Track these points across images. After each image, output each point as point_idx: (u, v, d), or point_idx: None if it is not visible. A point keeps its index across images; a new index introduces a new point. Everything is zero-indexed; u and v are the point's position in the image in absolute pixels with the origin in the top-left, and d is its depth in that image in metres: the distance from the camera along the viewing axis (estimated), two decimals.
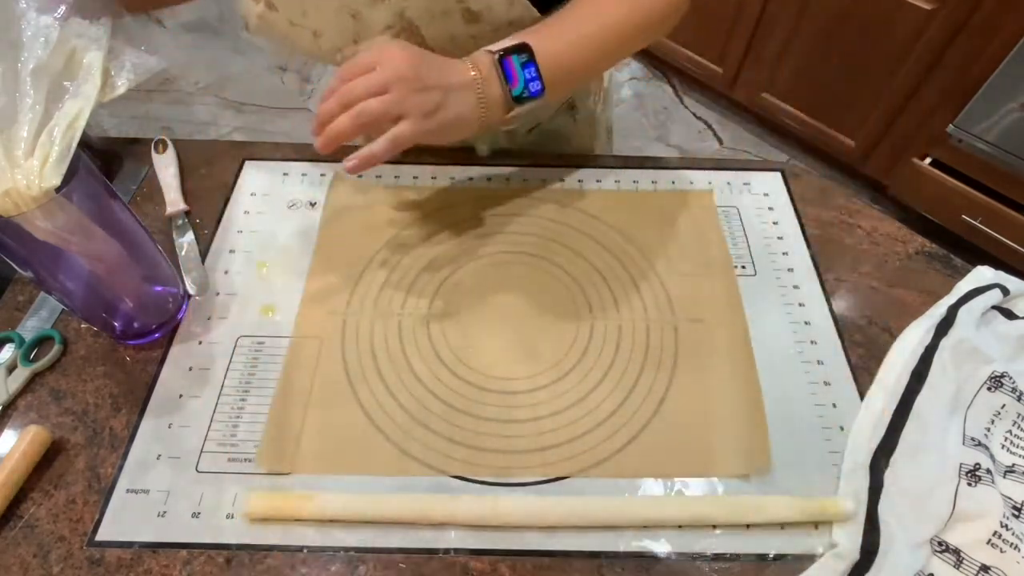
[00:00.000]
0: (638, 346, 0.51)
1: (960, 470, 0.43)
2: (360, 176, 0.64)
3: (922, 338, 0.50)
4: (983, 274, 0.55)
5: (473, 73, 0.47)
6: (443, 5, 0.50)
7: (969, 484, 0.42)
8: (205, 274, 0.55)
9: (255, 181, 0.64)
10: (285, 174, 0.64)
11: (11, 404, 0.48)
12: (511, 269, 0.56)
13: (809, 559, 0.41)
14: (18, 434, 0.44)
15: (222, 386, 0.49)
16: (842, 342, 0.52)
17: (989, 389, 0.47)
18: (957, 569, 0.40)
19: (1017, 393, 0.46)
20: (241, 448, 0.46)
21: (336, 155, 0.66)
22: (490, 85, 0.47)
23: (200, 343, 0.51)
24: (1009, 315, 0.53)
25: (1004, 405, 0.46)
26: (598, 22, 0.51)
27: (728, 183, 0.64)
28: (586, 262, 0.57)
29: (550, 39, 0.49)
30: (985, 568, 0.40)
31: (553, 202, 0.62)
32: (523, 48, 0.47)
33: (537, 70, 0.48)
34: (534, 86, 0.48)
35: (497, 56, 0.47)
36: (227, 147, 0.67)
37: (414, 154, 0.66)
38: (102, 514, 0.42)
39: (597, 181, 0.64)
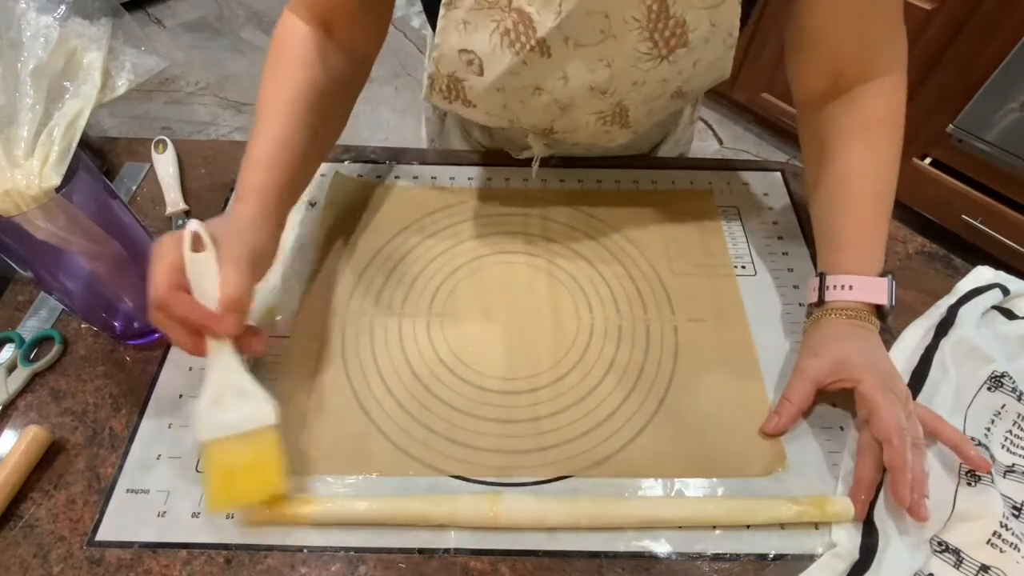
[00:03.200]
0: (638, 346, 0.51)
1: (960, 470, 0.43)
2: (360, 176, 0.64)
3: (922, 338, 0.50)
4: (983, 274, 0.55)
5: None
6: (658, 92, 0.49)
7: (969, 484, 0.42)
8: None
9: None
10: None
11: (11, 404, 0.48)
12: (511, 269, 0.56)
13: (809, 559, 0.41)
14: (18, 434, 0.44)
15: None
16: None
17: (989, 389, 0.47)
18: (957, 569, 0.40)
19: (1017, 393, 0.46)
20: None
21: (335, 156, 0.66)
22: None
23: None
24: (1009, 315, 0.53)
25: (1004, 405, 0.46)
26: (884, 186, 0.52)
27: (728, 183, 0.64)
28: (586, 262, 0.57)
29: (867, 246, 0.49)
30: (985, 568, 0.40)
31: (554, 202, 0.62)
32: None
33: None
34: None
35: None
36: (227, 147, 0.67)
37: (414, 154, 0.66)
38: (102, 514, 0.42)
39: (597, 181, 0.64)
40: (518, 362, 0.50)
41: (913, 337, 0.50)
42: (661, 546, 0.42)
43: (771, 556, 0.41)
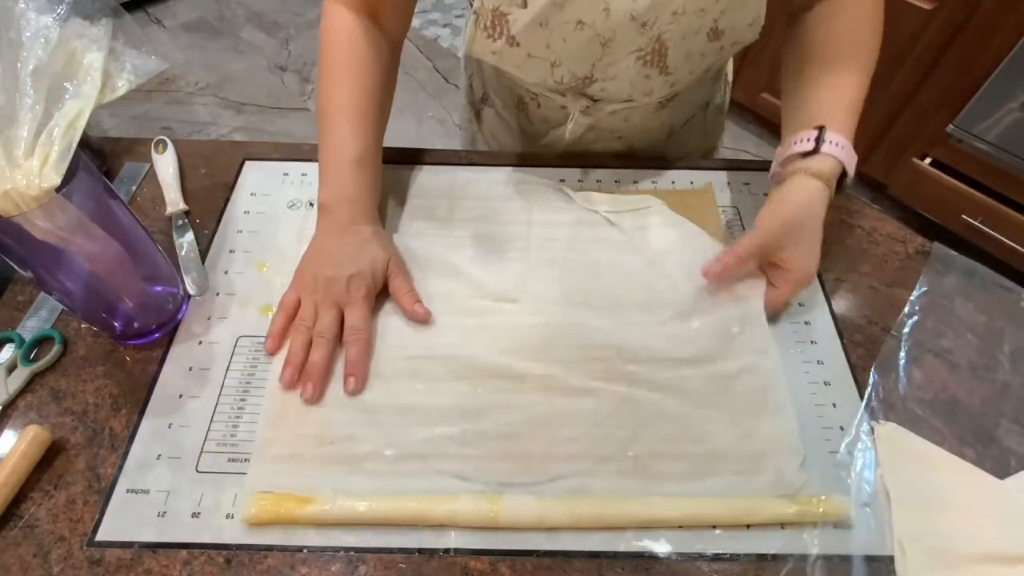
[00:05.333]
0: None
1: None
2: None
3: None
4: None
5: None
6: (696, 25, 0.52)
7: None
8: (205, 274, 0.55)
9: (255, 181, 0.64)
10: (285, 174, 0.64)
11: (11, 404, 0.48)
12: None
13: (809, 559, 0.41)
14: (18, 434, 0.44)
15: (222, 386, 0.49)
16: (842, 342, 0.52)
17: None
18: None
19: None
20: (241, 448, 0.46)
21: None
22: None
23: (200, 343, 0.51)
24: None
25: None
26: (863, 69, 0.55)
27: (728, 183, 0.64)
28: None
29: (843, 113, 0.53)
30: None
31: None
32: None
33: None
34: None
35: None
36: (227, 147, 0.67)
37: (414, 154, 0.66)
38: (102, 514, 0.42)
39: (597, 181, 0.64)
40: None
41: None
42: (661, 546, 0.42)
43: (771, 556, 0.41)
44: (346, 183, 0.54)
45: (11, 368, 0.49)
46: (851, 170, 0.52)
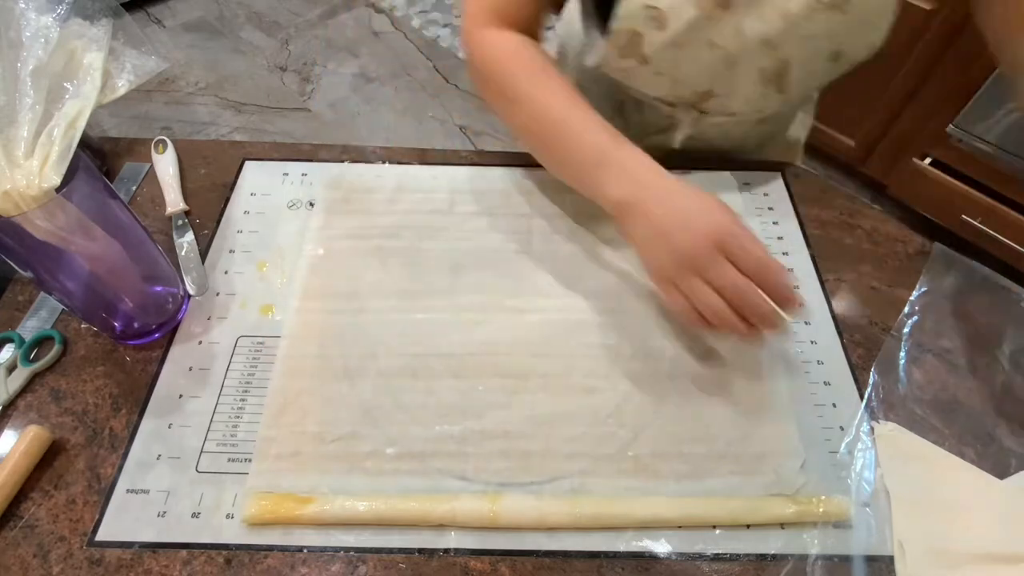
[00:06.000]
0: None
1: None
2: (360, 176, 0.64)
3: None
4: None
5: None
6: (822, 48, 0.53)
7: None
8: (205, 274, 0.55)
9: (255, 181, 0.64)
10: (285, 174, 0.64)
11: (11, 404, 0.48)
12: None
13: (809, 559, 0.41)
14: (18, 434, 0.44)
15: (222, 386, 0.49)
16: (842, 342, 0.52)
17: None
18: None
19: None
20: (241, 448, 0.46)
21: (335, 156, 0.66)
22: None
23: (200, 343, 0.51)
24: None
25: None
26: None
27: (728, 183, 0.64)
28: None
29: None
30: None
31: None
32: None
33: None
34: None
35: None
36: (227, 147, 0.67)
37: (414, 154, 0.66)
38: (102, 514, 0.42)
39: None
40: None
41: None
42: (661, 546, 0.42)
43: (771, 556, 0.41)
44: (634, 166, 0.49)
45: (11, 368, 0.49)
46: None
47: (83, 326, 0.52)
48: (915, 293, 0.55)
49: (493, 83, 0.55)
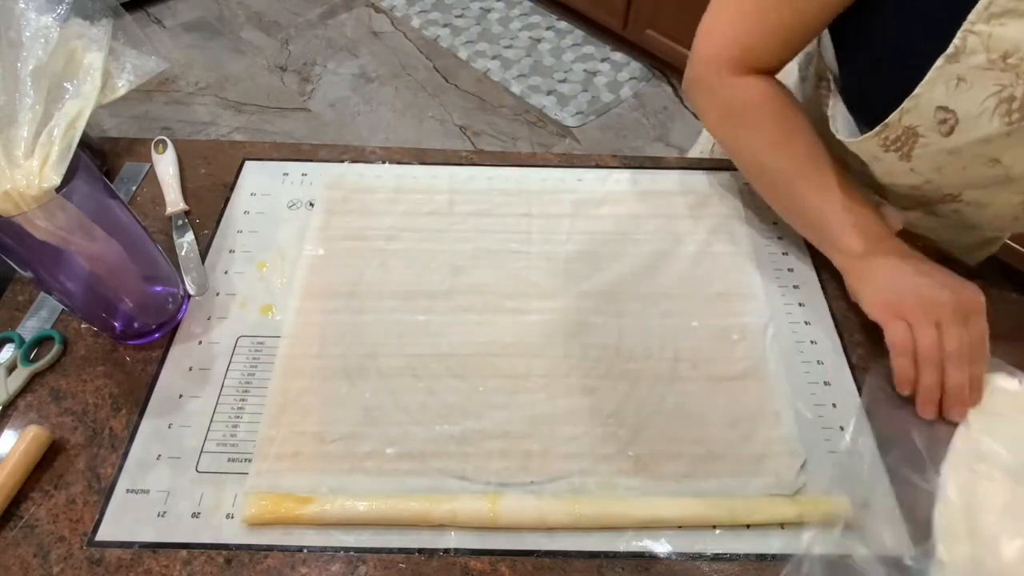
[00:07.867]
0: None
1: None
2: (359, 176, 0.64)
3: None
4: None
5: None
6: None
7: None
8: (205, 274, 0.55)
9: (255, 181, 0.64)
10: (285, 174, 0.64)
11: (11, 404, 0.48)
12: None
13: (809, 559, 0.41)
14: (18, 434, 0.44)
15: (222, 386, 0.49)
16: (842, 342, 0.52)
17: None
18: None
19: None
20: (241, 448, 0.46)
21: (335, 156, 0.66)
22: None
23: (200, 343, 0.51)
24: None
25: None
26: None
27: (728, 183, 0.64)
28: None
29: None
30: None
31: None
32: None
33: None
34: None
35: None
36: (227, 147, 0.67)
37: (414, 154, 0.66)
38: (102, 514, 0.43)
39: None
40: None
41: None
42: (661, 546, 0.42)
43: (771, 556, 0.41)
44: (870, 221, 0.50)
45: (11, 368, 0.49)
46: None
47: (83, 326, 0.52)
48: None
49: (743, 130, 0.55)
